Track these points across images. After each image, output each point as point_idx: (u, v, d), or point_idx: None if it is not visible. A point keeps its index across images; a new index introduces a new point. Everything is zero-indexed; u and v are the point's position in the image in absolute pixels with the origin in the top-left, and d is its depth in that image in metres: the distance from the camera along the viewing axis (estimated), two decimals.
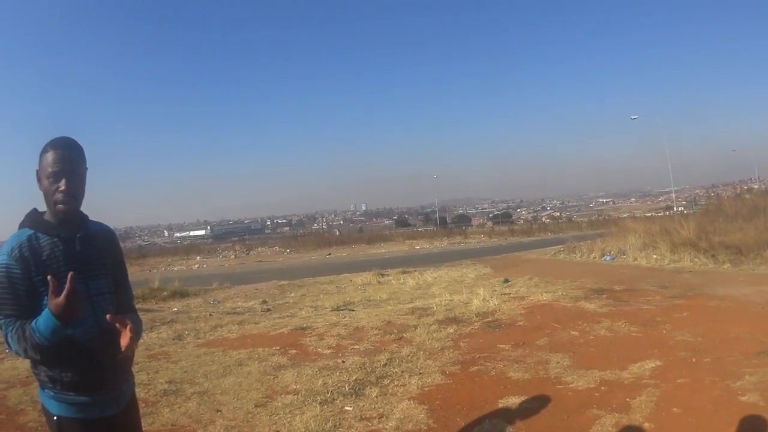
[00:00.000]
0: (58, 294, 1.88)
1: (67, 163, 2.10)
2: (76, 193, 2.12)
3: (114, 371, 2.15)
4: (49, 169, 2.07)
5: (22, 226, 2.12)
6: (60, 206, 2.09)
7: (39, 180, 2.12)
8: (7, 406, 4.97)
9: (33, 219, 2.14)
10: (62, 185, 2.07)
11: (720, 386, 4.59)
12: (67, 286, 1.87)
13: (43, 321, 1.91)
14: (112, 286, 2.25)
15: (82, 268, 2.07)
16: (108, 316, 2.04)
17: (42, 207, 2.17)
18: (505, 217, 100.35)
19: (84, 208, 2.20)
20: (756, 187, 38.98)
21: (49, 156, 2.09)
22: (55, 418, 2.08)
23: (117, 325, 2.04)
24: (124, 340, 2.04)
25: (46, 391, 2.10)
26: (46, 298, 1.93)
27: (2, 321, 1.99)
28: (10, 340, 1.97)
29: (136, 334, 2.08)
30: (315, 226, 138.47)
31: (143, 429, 4.40)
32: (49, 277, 1.92)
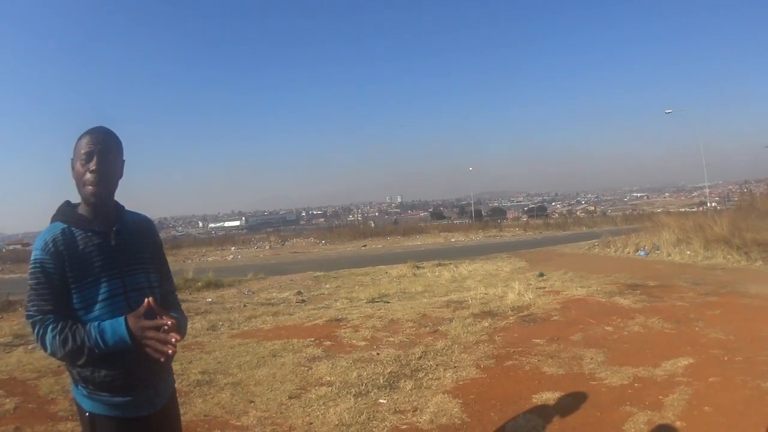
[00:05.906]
0: (147, 317, 1.88)
1: (101, 144, 2.01)
2: (108, 175, 2.01)
3: (149, 370, 2.00)
4: (82, 151, 1.99)
5: (54, 219, 2.02)
6: (89, 188, 1.98)
7: (73, 168, 2.03)
8: (38, 396, 5.07)
9: (66, 212, 2.03)
10: (93, 165, 1.97)
11: (751, 386, 4.56)
12: (170, 322, 1.86)
13: (112, 331, 1.86)
14: (151, 281, 2.12)
15: (117, 263, 2.00)
16: (148, 299, 1.91)
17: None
18: (540, 211, 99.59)
19: (119, 198, 2.11)
20: None
21: (83, 139, 2.01)
22: (87, 414, 2.00)
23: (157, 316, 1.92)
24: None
25: (79, 388, 2.00)
26: (78, 295, 1.91)
27: (38, 317, 1.90)
28: (48, 338, 1.87)
29: (179, 332, 1.91)
30: (350, 217, 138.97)
31: None
32: (148, 300, 1.90)
